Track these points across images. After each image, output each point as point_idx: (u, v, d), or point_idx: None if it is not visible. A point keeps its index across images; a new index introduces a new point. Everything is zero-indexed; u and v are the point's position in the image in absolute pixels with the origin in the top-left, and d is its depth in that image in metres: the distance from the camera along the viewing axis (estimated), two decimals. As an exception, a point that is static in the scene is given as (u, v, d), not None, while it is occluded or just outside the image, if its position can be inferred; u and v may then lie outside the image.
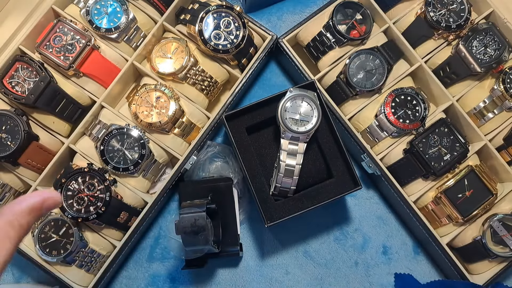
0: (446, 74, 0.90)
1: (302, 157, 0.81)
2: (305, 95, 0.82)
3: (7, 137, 0.81)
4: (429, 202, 0.89)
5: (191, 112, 0.88)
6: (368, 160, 0.89)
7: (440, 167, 0.86)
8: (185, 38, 0.89)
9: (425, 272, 0.96)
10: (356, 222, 0.98)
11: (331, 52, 0.90)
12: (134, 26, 0.88)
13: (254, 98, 1.00)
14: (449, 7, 0.90)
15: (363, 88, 0.88)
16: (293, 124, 0.81)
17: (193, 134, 0.89)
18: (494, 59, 0.89)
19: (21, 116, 0.82)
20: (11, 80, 0.82)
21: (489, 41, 0.89)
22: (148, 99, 0.86)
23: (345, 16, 0.89)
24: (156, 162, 0.87)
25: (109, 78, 0.87)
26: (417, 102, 0.88)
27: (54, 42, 0.84)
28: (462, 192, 0.86)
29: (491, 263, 0.88)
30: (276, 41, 0.92)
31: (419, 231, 0.90)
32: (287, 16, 1.05)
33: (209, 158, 0.93)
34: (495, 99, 0.89)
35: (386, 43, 0.90)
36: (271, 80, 1.03)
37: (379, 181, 0.93)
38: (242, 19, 0.88)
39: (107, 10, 0.87)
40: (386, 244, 0.97)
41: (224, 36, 0.87)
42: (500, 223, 0.86)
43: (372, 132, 0.89)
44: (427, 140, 0.87)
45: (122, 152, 0.84)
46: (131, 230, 0.85)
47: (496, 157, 0.90)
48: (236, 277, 0.95)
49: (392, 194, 0.89)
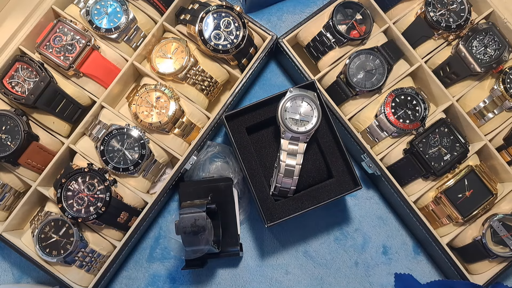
0: (446, 74, 0.90)
1: (302, 157, 0.81)
2: (305, 95, 0.82)
3: (7, 137, 0.81)
4: (429, 202, 0.89)
5: (191, 112, 0.88)
6: (368, 160, 0.89)
7: (440, 167, 0.86)
8: (185, 38, 0.89)
9: (425, 272, 0.96)
10: (356, 222, 0.98)
11: (331, 52, 0.90)
12: (134, 26, 0.88)
13: (254, 98, 1.00)
14: (449, 7, 0.89)
15: (363, 88, 0.88)
16: (293, 124, 0.81)
17: (193, 134, 0.89)
18: (494, 59, 0.89)
19: (21, 116, 0.82)
20: (11, 80, 0.82)
21: (489, 41, 0.89)
22: (148, 99, 0.86)
23: (345, 16, 0.89)
24: (156, 162, 0.87)
25: (109, 78, 0.87)
26: (417, 102, 0.88)
27: (54, 42, 0.84)
28: (462, 192, 0.86)
29: (491, 263, 0.88)
30: (276, 41, 0.92)
31: (419, 231, 0.90)
32: (287, 16, 1.04)
33: (209, 158, 0.93)
34: (495, 99, 0.89)
35: (386, 43, 0.90)
36: (271, 80, 1.03)
37: (379, 181, 0.93)
38: (242, 19, 0.88)
39: (107, 10, 0.87)
40: (386, 244, 0.97)
41: (224, 36, 0.87)
42: (500, 223, 0.86)
43: (372, 132, 0.89)
44: (427, 140, 0.87)
45: (122, 152, 0.84)
46: (131, 230, 0.85)
47: (496, 157, 0.90)
48: (236, 277, 0.95)
49: (392, 194, 0.89)
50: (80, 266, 0.84)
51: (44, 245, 0.83)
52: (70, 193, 0.82)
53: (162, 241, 0.96)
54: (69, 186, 0.82)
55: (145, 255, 0.96)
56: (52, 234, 0.83)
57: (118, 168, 0.84)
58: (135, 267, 0.95)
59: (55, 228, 0.83)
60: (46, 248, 0.83)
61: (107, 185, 0.82)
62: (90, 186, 0.82)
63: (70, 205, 0.81)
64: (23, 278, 0.94)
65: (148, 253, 0.96)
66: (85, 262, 0.84)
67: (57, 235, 0.83)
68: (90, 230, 0.86)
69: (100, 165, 0.85)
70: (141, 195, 0.87)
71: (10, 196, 0.86)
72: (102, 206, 0.81)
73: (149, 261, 0.96)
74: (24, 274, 0.94)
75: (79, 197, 0.82)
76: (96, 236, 0.86)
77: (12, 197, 0.87)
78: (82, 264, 0.84)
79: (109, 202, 0.81)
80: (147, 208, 0.86)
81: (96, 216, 0.81)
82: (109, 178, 0.83)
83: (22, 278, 0.94)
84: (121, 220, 0.84)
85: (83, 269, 0.85)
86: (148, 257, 0.96)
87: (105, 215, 0.82)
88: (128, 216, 0.85)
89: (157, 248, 0.96)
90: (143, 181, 0.88)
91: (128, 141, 0.84)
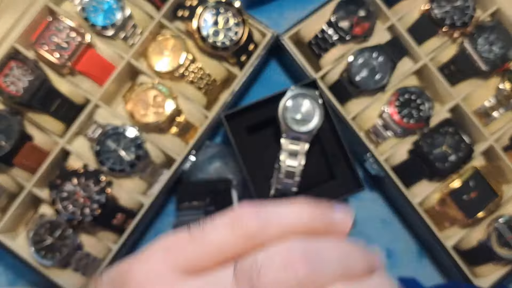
0: (451, 73, 0.89)
1: (303, 158, 0.80)
2: (306, 94, 0.80)
3: (1, 137, 0.80)
4: (434, 204, 0.87)
5: (189, 111, 0.87)
6: (371, 160, 0.87)
7: (445, 168, 0.85)
8: (183, 35, 0.88)
9: (429, 276, 0.95)
10: (359, 225, 0.97)
11: (333, 50, 0.88)
12: (130, 23, 0.86)
13: (255, 97, 0.98)
14: (454, 4, 0.88)
15: (366, 86, 0.87)
16: (294, 123, 0.79)
17: (191, 133, 0.88)
18: (500, 57, 0.87)
19: (16, 116, 0.81)
20: (6, 79, 0.81)
21: (495, 39, 0.88)
22: (145, 98, 0.84)
23: (348, 13, 0.88)
24: (153, 163, 0.86)
25: (105, 76, 0.86)
26: (422, 101, 0.87)
27: (49, 40, 0.83)
28: (468, 194, 0.85)
29: (496, 265, 0.87)
30: (276, 38, 0.90)
31: (423, 233, 0.89)
32: (288, 13, 1.03)
33: (208, 159, 0.92)
34: (500, 98, 0.88)
35: (390, 41, 0.89)
36: (272, 78, 1.02)
37: (382, 182, 0.91)
38: (242, 16, 0.86)
39: (103, 7, 0.86)
40: (390, 247, 0.96)
41: (223, 33, 0.86)
42: (505, 225, 0.85)
43: (375, 131, 0.88)
44: (432, 140, 0.86)
45: (118, 153, 0.83)
46: (128, 233, 0.84)
47: (502, 157, 0.88)
48: (236, 280, 0.93)
49: (396, 195, 0.88)
50: (75, 269, 0.83)
51: (38, 248, 0.81)
52: (65, 194, 0.81)
53: (160, 243, 0.95)
54: (64, 187, 0.81)
55: (142, 257, 0.95)
56: (47, 236, 0.81)
57: (114, 169, 0.83)
58: (132, 270, 0.94)
59: (50, 230, 0.81)
60: (41, 251, 0.81)
61: (103, 186, 0.81)
62: (85, 187, 0.81)
63: (65, 206, 0.80)
64: (18, 281, 0.93)
65: (146, 255, 0.95)
66: (81, 264, 0.83)
67: (52, 237, 0.81)
68: (85, 232, 0.85)
69: (95, 166, 0.84)
70: (138, 197, 0.86)
71: (4, 197, 0.84)
72: (98, 207, 0.80)
73: (146, 263, 0.94)
74: (18, 277, 0.93)
75: (74, 198, 0.81)
76: (92, 238, 0.85)
77: (6, 198, 0.85)
78: (77, 267, 0.83)
79: (104, 204, 0.80)
80: (143, 210, 0.85)
81: (92, 218, 0.80)
82: (105, 179, 0.82)
83: (16, 281, 0.93)
84: (117, 222, 0.83)
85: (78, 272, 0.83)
86: (145, 260, 0.94)
87: (101, 217, 0.81)
88: (124, 218, 0.84)
89: (154, 251, 0.95)
90: (139, 182, 0.86)
91: (124, 141, 0.83)
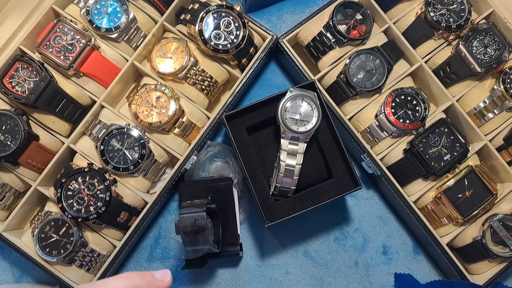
0: (446, 74, 0.90)
1: (302, 157, 0.81)
2: (305, 95, 0.82)
3: (7, 137, 0.81)
4: (429, 202, 0.89)
5: (191, 112, 0.88)
6: (368, 160, 0.88)
7: (440, 167, 0.86)
8: (185, 38, 0.89)
9: (425, 272, 0.96)
10: (356, 222, 0.98)
11: (331, 52, 0.90)
12: (134, 26, 0.88)
13: (254, 98, 1.00)
14: (449, 7, 0.89)
15: (363, 88, 0.88)
16: (293, 124, 0.81)
17: (193, 134, 0.89)
18: (494, 59, 0.89)
19: (21, 116, 0.82)
20: (11, 80, 0.82)
21: (489, 41, 0.89)
22: (148, 99, 0.86)
23: (345, 16, 0.89)
24: (156, 162, 0.87)
25: (109, 78, 0.87)
26: (417, 102, 0.88)
27: (54, 42, 0.84)
28: (462, 192, 0.86)
29: (491, 263, 0.88)
30: (276, 41, 0.92)
31: (419, 231, 0.90)
32: (287, 16, 1.04)
33: (209, 158, 0.93)
34: (495, 99, 0.89)
35: (386, 43, 0.90)
36: (271, 80, 1.03)
37: (379, 181, 0.93)
38: (242, 19, 0.88)
39: (107, 10, 0.87)
40: (386, 244, 0.97)
41: (224, 36, 0.87)
42: (500, 223, 0.86)
43: (372, 132, 0.89)
44: (427, 140, 0.87)
45: (122, 152, 0.84)
46: (131, 230, 0.85)
47: (496, 157, 0.90)
48: (236, 277, 0.95)
49: (392, 194, 0.89)
50: (80, 266, 0.84)
51: (44, 245, 0.83)
52: (70, 192, 0.82)
53: (162, 241, 0.96)
54: (69, 185, 0.82)
55: (145, 254, 0.96)
56: (52, 234, 0.83)
57: (118, 167, 0.84)
58: (135, 267, 0.95)
59: (55, 228, 0.83)
60: (46, 248, 0.83)
61: (107, 184, 0.82)
62: (90, 185, 0.82)
63: (70, 204, 0.81)
64: (23, 277, 0.94)
65: (148, 252, 0.96)
66: (85, 261, 0.84)
67: (57, 234, 0.82)
68: (90, 229, 0.86)
69: (100, 165, 0.85)
70: (141, 195, 0.87)
71: (10, 195, 0.86)
72: (102, 205, 0.81)
73: (149, 260, 0.96)
74: (24, 274, 0.94)
75: (79, 196, 0.82)
76: (96, 235, 0.86)
77: (12, 196, 0.87)
78: (82, 263, 0.84)
79: (109, 202, 0.81)
80: (147, 208, 0.86)
81: (96, 216, 0.81)
82: (109, 178, 0.83)
83: (22, 278, 0.94)
84: (121, 220, 0.84)
85: (83, 268, 0.85)
86: (148, 257, 0.96)
87: (105, 215, 0.82)
88: (128, 215, 0.85)
89: (157, 248, 0.96)
90: (143, 181, 0.88)
91: (128, 141, 0.84)
